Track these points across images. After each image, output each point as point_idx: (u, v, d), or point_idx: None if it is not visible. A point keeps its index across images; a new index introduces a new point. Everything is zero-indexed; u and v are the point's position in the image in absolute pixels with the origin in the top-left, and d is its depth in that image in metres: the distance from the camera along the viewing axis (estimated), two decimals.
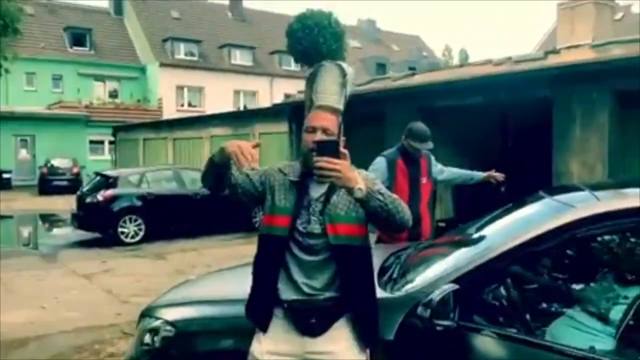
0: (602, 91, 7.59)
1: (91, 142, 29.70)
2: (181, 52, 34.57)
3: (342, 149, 1.94)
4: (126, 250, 10.31)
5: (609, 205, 2.41)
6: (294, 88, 24.85)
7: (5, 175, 24.16)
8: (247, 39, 37.12)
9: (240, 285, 2.57)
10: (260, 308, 2.26)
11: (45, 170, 23.22)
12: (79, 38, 33.35)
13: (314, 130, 2.17)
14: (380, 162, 4.30)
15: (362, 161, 5.10)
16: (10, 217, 16.01)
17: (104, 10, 36.92)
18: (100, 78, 33.38)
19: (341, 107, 2.25)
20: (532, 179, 6.36)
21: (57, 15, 33.92)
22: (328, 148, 1.91)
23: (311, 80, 2.32)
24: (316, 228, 2.17)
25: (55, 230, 14.12)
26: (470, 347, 2.27)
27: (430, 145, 4.28)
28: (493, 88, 8.71)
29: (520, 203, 3.20)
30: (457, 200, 10.60)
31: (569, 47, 9.94)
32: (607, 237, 2.67)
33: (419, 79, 11.04)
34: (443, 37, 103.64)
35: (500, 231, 2.94)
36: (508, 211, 3.17)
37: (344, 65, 2.30)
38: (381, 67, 39.10)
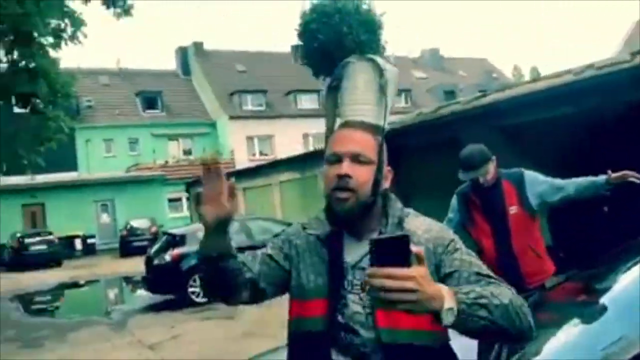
0: None
1: (169, 200, 30.26)
2: (248, 103, 35.08)
3: (413, 247, 1.08)
4: (196, 311, 9.77)
5: None
6: None
7: (89, 241, 24.88)
8: (311, 82, 37.17)
9: None
10: None
11: (125, 232, 23.66)
12: (150, 101, 34.64)
13: (338, 158, 1.40)
14: (452, 202, 3.58)
15: (435, 198, 4.28)
16: (92, 282, 16.11)
17: (172, 72, 38.31)
18: (174, 137, 34.30)
19: (381, 122, 1.46)
20: None
21: (130, 82, 35.48)
22: (388, 251, 1.06)
23: (333, 89, 1.54)
24: (358, 315, 1.35)
25: (130, 295, 13.93)
26: None
27: (481, 172, 3.33)
28: (583, 94, 7.63)
29: None
30: (553, 224, 9.35)
31: None
32: None
33: (491, 98, 10.10)
34: (512, 57, 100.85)
35: None
36: None
37: (380, 60, 1.51)
38: (450, 95, 37.94)
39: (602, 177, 3.49)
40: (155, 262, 10.76)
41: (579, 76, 7.95)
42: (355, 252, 1.41)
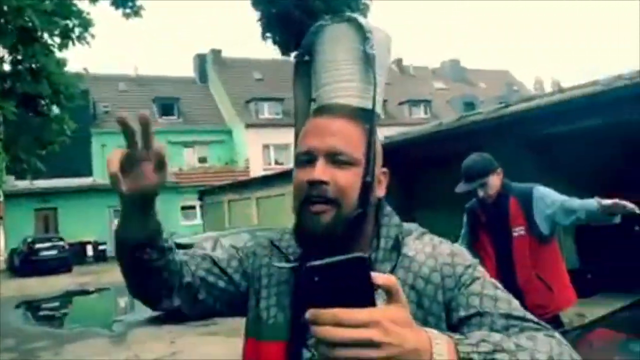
0: None
1: (182, 208, 30.01)
2: (265, 111, 34.83)
3: (378, 276, 0.65)
4: (199, 325, 9.33)
5: None
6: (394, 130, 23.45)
7: (100, 247, 24.65)
8: None
9: None
10: None
11: None
12: (167, 107, 34.54)
13: (311, 157, 1.01)
14: (464, 218, 3.23)
15: (451, 217, 3.81)
16: (102, 290, 15.81)
17: (189, 79, 38.27)
18: (190, 144, 34.11)
19: (369, 103, 1.04)
20: None
21: (147, 88, 35.45)
22: (336, 283, 0.62)
23: (303, 66, 1.14)
24: None
25: (138, 303, 13.59)
26: None
27: (478, 184, 2.90)
28: (612, 106, 7.11)
29: None
30: (580, 244, 8.80)
31: None
32: None
33: (516, 108, 9.63)
34: (533, 69, 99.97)
35: None
36: None
37: (363, 20, 1.08)
38: (469, 106, 37.37)
39: (592, 202, 2.77)
40: None
41: (609, 86, 7.46)
42: None
